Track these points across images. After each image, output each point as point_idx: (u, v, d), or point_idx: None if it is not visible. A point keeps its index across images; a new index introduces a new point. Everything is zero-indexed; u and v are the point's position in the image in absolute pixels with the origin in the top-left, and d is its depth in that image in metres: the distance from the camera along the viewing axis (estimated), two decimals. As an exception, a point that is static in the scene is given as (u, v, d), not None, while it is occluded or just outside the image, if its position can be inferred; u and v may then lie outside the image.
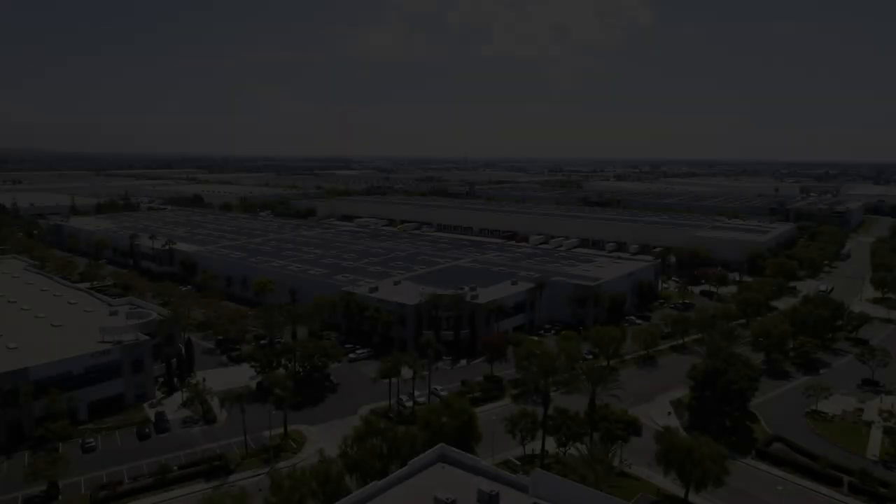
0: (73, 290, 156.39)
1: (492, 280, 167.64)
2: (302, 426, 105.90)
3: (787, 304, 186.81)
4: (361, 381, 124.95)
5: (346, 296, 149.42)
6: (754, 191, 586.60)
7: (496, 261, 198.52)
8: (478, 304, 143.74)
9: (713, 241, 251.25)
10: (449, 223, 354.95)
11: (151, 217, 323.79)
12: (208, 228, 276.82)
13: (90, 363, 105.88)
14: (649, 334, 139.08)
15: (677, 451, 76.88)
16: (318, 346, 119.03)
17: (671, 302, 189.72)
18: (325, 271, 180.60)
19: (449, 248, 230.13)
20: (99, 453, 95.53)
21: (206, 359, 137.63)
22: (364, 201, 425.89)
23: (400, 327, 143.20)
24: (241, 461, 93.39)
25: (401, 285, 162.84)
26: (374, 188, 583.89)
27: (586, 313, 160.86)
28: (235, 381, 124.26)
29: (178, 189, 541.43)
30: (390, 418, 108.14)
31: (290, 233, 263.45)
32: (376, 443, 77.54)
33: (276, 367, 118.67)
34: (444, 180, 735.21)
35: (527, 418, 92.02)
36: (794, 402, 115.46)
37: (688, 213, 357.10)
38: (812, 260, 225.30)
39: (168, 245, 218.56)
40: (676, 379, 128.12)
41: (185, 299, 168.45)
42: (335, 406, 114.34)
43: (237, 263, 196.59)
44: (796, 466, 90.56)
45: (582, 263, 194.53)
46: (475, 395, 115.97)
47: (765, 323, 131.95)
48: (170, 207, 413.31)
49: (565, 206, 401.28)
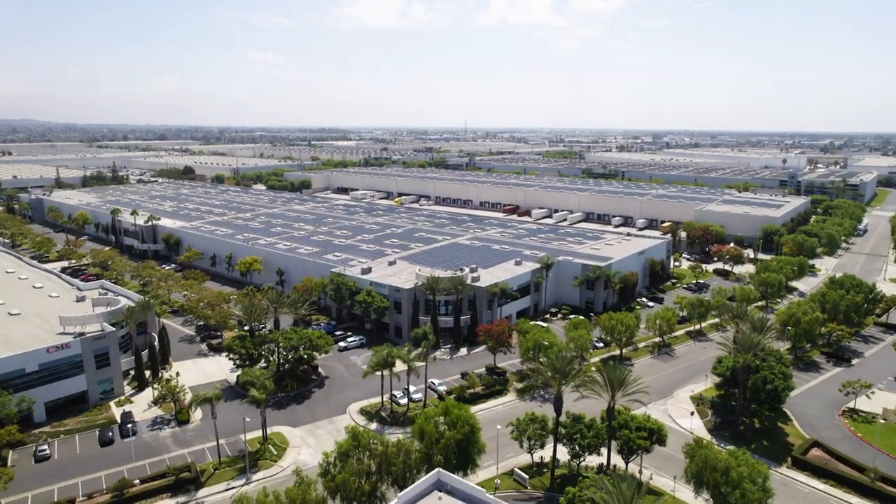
0: (43, 273, 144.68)
1: (494, 260, 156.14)
2: (284, 428, 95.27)
3: (807, 284, 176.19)
4: (352, 374, 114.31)
5: (336, 278, 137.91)
6: (760, 162, 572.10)
7: (498, 238, 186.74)
8: (479, 287, 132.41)
9: (725, 216, 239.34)
10: (448, 196, 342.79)
11: (139, 191, 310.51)
12: (196, 202, 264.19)
13: (47, 359, 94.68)
14: (665, 320, 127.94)
15: (712, 471, 66.05)
16: (304, 337, 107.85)
17: (684, 282, 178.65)
18: (316, 249, 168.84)
19: (448, 223, 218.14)
20: (53, 463, 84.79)
21: (185, 348, 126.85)
22: (361, 173, 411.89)
23: (395, 313, 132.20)
24: (214, 472, 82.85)
25: (396, 265, 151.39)
26: (371, 159, 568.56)
27: (596, 296, 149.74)
28: (214, 374, 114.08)
29: (170, 161, 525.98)
30: (383, 418, 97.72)
31: (282, 207, 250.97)
32: (364, 464, 66.65)
33: (256, 359, 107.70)
34: (444, 151, 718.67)
35: (535, 424, 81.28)
36: (827, 398, 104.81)
37: (696, 186, 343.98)
38: (831, 236, 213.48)
39: (151, 221, 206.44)
40: (695, 370, 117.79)
41: (166, 281, 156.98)
42: (322, 404, 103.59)
43: (223, 241, 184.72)
44: (840, 479, 79.93)
45: (589, 241, 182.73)
46: (476, 390, 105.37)
47: (792, 309, 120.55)
48: (160, 180, 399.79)
49: (569, 179, 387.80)
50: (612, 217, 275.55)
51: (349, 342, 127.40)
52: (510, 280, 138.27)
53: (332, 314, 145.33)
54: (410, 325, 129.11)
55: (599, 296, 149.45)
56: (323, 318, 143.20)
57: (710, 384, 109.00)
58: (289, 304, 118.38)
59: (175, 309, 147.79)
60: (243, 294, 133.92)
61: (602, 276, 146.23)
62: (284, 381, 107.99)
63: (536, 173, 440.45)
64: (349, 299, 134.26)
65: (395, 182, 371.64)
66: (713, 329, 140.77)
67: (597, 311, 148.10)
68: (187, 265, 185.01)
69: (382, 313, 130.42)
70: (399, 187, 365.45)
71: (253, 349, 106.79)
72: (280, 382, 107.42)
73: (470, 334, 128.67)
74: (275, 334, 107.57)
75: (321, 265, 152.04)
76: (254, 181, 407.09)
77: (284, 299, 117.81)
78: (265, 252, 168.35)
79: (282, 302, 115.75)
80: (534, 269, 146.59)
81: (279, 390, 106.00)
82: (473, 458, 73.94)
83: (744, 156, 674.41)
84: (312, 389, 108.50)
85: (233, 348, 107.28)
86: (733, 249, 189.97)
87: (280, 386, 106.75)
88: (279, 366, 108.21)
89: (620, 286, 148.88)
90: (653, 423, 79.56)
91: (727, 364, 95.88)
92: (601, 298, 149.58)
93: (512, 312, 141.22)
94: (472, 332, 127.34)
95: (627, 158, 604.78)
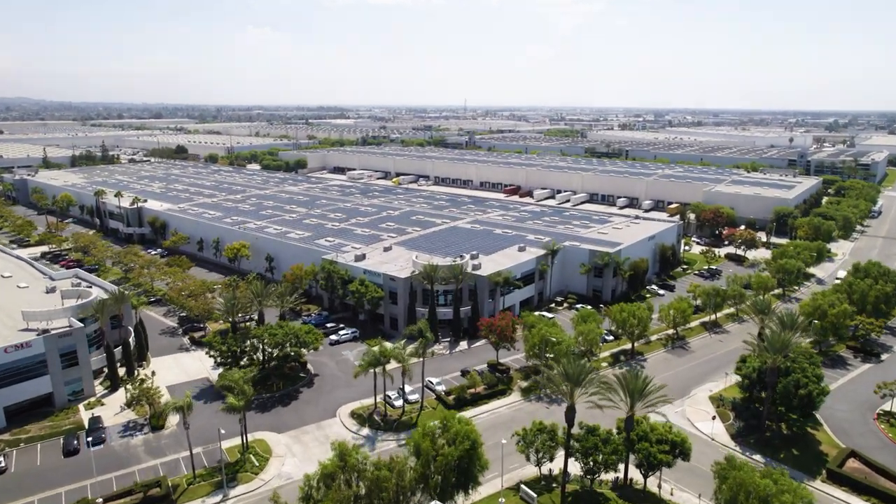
0: (14, 260, 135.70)
1: (495, 245, 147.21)
2: (268, 434, 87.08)
3: (824, 270, 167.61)
4: (344, 371, 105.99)
5: (327, 265, 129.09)
6: (765, 141, 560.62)
7: (500, 222, 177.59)
8: (480, 275, 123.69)
9: (735, 198, 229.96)
10: (447, 176, 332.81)
11: (128, 171, 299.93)
12: (185, 183, 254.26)
13: (5, 359, 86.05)
14: (679, 311, 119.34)
15: (748, 496, 57.81)
16: (290, 332, 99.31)
17: (695, 268, 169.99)
18: (308, 234, 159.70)
19: (447, 205, 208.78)
20: (9, 477, 76.55)
21: (166, 342, 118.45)
22: (358, 152, 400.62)
23: (390, 303, 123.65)
24: (188, 486, 74.77)
25: (392, 251, 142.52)
26: (369, 138, 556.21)
27: (604, 283, 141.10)
28: (196, 372, 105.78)
29: (163, 140, 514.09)
30: (376, 422, 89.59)
31: (274, 188, 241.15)
32: (351, 489, 58.41)
33: (239, 357, 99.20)
34: (443, 129, 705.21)
35: (544, 435, 73.00)
36: (859, 398, 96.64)
37: (702, 166, 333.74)
38: (846, 219, 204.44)
39: (136, 203, 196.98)
40: (713, 365, 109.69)
41: (148, 268, 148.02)
42: (310, 405, 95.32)
43: (210, 224, 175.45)
44: (883, 496, 71.88)
45: (596, 224, 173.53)
46: (477, 390, 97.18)
47: (818, 300, 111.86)
48: (152, 160, 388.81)
49: (571, 158, 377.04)
50: (618, 198, 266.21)
51: (341, 335, 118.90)
52: (513, 268, 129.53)
53: (323, 304, 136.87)
54: (407, 316, 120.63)
55: (608, 284, 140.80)
56: (314, 309, 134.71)
57: (729, 382, 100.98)
58: (275, 295, 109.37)
59: (158, 298, 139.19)
60: (226, 284, 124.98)
61: (611, 262, 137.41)
62: (270, 380, 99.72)
63: (538, 152, 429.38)
64: (341, 289, 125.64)
65: (392, 161, 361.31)
66: (729, 320, 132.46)
67: (605, 299, 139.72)
68: (173, 250, 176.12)
69: (377, 304, 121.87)
70: (397, 167, 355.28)
71: (235, 346, 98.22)
72: (265, 382, 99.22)
73: (471, 327, 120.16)
74: (258, 330, 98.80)
75: (313, 251, 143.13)
76: (248, 161, 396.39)
77: (270, 291, 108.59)
78: (253, 237, 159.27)
79: (267, 294, 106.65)
80: (538, 256, 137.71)
81: (264, 390, 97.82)
82: (475, 475, 65.81)
83: (748, 134, 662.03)
84: (300, 389, 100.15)
85: (213, 345, 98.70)
86: (746, 233, 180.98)
87: (265, 385, 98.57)
88: (264, 364, 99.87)
89: (630, 273, 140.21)
90: (675, 435, 71.23)
91: (752, 364, 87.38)
92: (610, 286, 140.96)
93: (515, 302, 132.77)
94: (473, 325, 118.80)
95: (630, 137, 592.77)
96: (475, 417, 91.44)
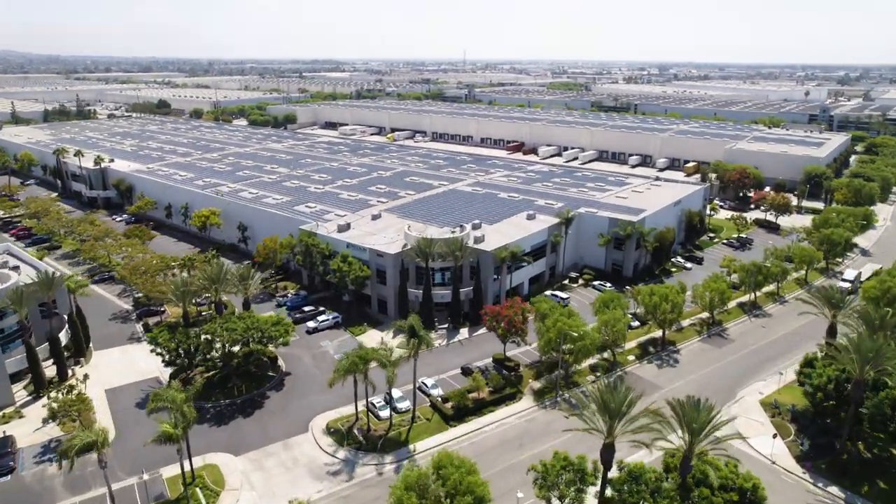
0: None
1: (500, 213, 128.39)
2: (222, 456, 70.07)
3: (868, 239, 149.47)
4: (322, 367, 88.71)
5: (305, 238, 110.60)
6: (778, 95, 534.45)
7: (504, 184, 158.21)
8: (483, 250, 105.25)
9: (759, 156, 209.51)
10: (446, 132, 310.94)
11: (100, 127, 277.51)
12: (161, 141, 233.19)
13: None
14: (717, 291, 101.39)
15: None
16: (253, 326, 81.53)
17: (722, 236, 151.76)
18: (287, 199, 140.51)
19: (445, 164, 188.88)
20: None
21: (116, 329, 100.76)
22: (351, 106, 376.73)
23: (378, 283, 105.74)
24: (110, 538, 58.08)
25: (381, 220, 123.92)
26: (364, 91, 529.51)
27: (625, 256, 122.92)
28: (146, 369, 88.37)
29: (147, 94, 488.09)
30: (356, 440, 72.60)
31: (256, 146, 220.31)
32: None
33: (192, 355, 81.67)
34: (442, 82, 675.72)
35: (568, 474, 55.88)
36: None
37: (717, 121, 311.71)
38: (885, 179, 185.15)
39: (99, 163, 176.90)
40: (759, 359, 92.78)
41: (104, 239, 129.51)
42: (278, 416, 78.19)
43: (179, 187, 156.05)
44: None
45: (613, 187, 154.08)
46: (481, 396, 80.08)
47: (887, 281, 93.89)
48: (133, 115, 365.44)
49: (577, 112, 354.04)
50: (630, 156, 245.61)
51: (320, 322, 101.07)
52: (522, 240, 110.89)
53: (302, 280, 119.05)
54: (398, 300, 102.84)
55: (630, 257, 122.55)
56: (292, 287, 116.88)
57: (783, 382, 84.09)
58: (237, 279, 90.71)
59: (110, 275, 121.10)
60: (181, 263, 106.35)
61: (634, 233, 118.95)
62: (230, 381, 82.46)
63: (542, 106, 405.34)
64: (321, 266, 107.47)
65: (387, 116, 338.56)
66: (769, 300, 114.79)
67: (626, 274, 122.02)
68: (140, 217, 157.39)
69: (362, 284, 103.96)
70: (392, 122, 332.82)
71: (186, 343, 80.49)
72: (224, 384, 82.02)
73: (472, 311, 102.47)
74: (210, 325, 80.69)
75: (291, 220, 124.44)
76: (235, 116, 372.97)
77: (228, 275, 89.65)
78: (225, 202, 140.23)
79: (223, 280, 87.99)
80: (551, 226, 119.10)
81: (222, 395, 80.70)
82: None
83: (759, 88, 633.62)
84: (267, 393, 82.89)
85: (158, 340, 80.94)
86: (779, 197, 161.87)
87: (223, 389, 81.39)
88: (224, 362, 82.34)
89: (656, 245, 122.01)
90: (744, 479, 54.05)
91: (825, 372, 69.85)
92: (632, 260, 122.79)
93: (524, 280, 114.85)
94: (475, 308, 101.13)
95: (638, 90, 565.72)
96: (478, 433, 74.97)
